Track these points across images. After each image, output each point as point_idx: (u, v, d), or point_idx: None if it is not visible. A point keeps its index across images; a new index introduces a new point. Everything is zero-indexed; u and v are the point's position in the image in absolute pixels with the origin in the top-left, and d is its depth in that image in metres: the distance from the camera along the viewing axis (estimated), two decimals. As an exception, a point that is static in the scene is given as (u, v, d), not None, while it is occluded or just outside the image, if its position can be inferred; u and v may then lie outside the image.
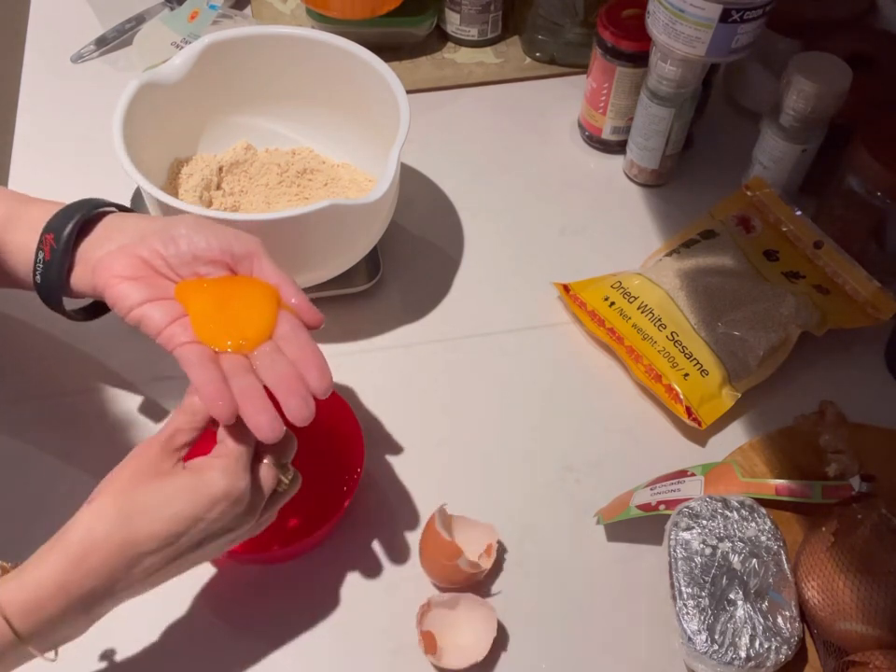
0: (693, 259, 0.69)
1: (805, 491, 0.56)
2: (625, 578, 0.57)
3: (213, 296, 0.49)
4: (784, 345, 0.64)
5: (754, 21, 0.63)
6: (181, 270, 0.50)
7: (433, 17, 0.85)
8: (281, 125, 0.73)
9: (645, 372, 0.64)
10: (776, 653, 0.49)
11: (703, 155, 0.80)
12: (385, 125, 0.65)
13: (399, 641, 0.54)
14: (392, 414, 0.64)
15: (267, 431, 0.44)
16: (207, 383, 0.45)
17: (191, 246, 0.49)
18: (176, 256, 0.49)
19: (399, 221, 0.72)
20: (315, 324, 0.49)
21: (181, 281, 0.50)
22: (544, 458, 0.62)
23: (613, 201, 0.78)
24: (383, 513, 0.59)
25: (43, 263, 0.51)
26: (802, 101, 0.66)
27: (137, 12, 0.88)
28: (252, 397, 0.45)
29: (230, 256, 0.49)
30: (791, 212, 0.70)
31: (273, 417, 0.44)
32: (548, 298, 0.70)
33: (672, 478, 0.58)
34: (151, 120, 0.64)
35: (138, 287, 0.49)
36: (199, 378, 0.45)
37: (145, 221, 0.52)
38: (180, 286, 0.49)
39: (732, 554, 0.52)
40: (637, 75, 0.73)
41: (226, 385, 0.45)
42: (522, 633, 0.54)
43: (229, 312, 0.48)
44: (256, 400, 0.45)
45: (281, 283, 0.49)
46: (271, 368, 0.46)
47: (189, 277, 0.50)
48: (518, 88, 0.86)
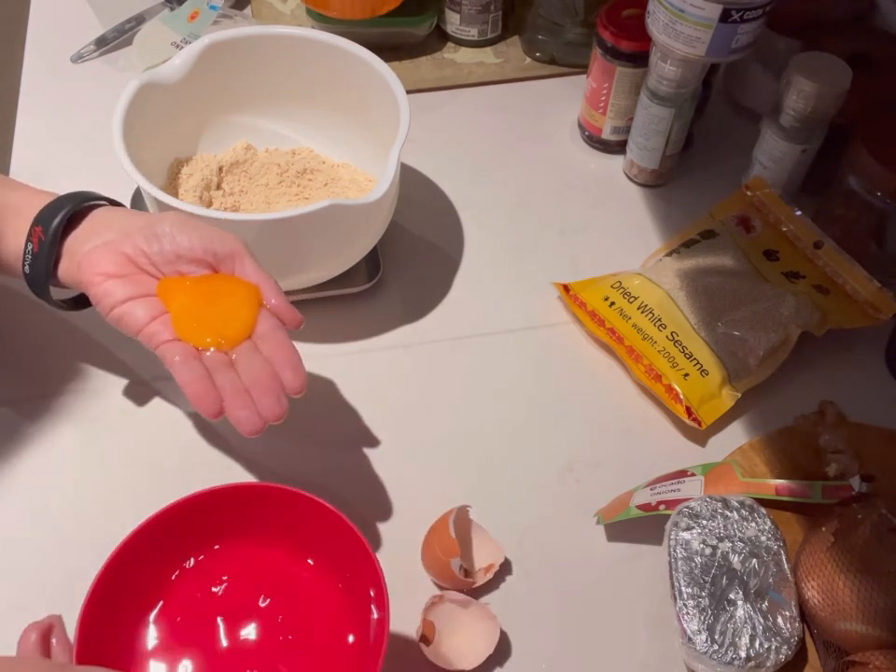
0: (693, 259, 0.69)
1: (805, 491, 0.56)
2: (625, 578, 0.57)
3: (194, 294, 0.50)
4: (784, 345, 0.64)
5: (754, 21, 0.63)
6: (164, 267, 0.50)
7: (433, 17, 0.86)
8: (281, 125, 0.73)
9: (645, 372, 0.64)
10: (776, 653, 0.49)
11: (703, 155, 0.80)
12: (385, 125, 0.65)
13: (401, 642, 0.53)
14: (392, 414, 0.64)
15: (247, 425, 0.46)
16: (193, 381, 0.46)
17: (175, 245, 0.50)
18: (160, 254, 0.50)
19: (398, 221, 0.72)
20: (295, 324, 0.50)
21: (163, 278, 0.50)
22: (544, 458, 0.62)
23: (613, 201, 0.78)
24: (383, 513, 0.59)
25: (32, 255, 0.51)
26: (802, 101, 0.66)
27: (137, 12, 0.88)
28: (233, 393, 0.46)
29: (212, 255, 0.50)
30: (791, 212, 0.70)
31: (254, 412, 0.46)
32: (548, 298, 0.70)
33: (672, 478, 0.58)
34: (151, 120, 0.64)
35: (121, 284, 0.49)
36: (184, 376, 0.47)
37: (131, 218, 0.52)
38: (162, 283, 0.50)
39: (732, 554, 0.52)
40: (637, 75, 0.73)
41: (210, 381, 0.47)
42: (521, 632, 0.54)
43: (210, 310, 0.49)
44: (237, 397, 0.46)
45: (262, 283, 0.50)
46: (247, 366, 0.48)
47: (171, 275, 0.50)
48: (518, 88, 0.86)
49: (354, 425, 0.63)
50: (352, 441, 0.62)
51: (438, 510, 0.55)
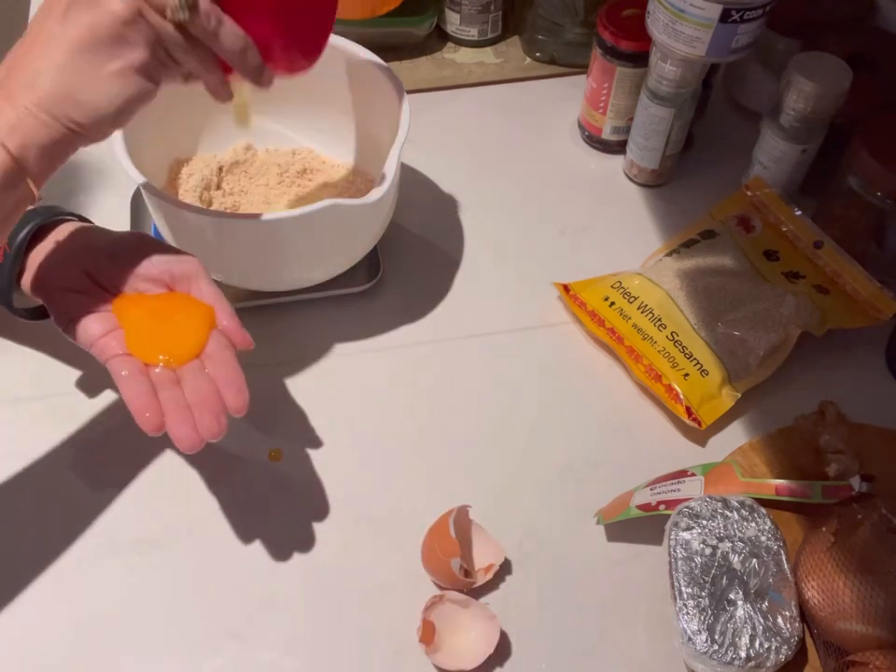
0: (693, 259, 0.69)
1: (805, 491, 0.56)
2: (625, 578, 0.57)
3: (148, 312, 0.52)
4: (784, 345, 0.64)
5: (754, 21, 0.63)
6: (122, 285, 0.52)
7: (433, 17, 0.86)
8: (281, 125, 0.73)
9: (645, 372, 0.64)
10: (776, 653, 0.49)
11: (703, 155, 0.80)
12: (385, 125, 0.65)
13: (401, 642, 0.54)
14: (392, 414, 0.64)
15: (184, 441, 0.47)
16: (136, 396, 0.48)
17: (133, 263, 0.52)
18: (119, 271, 0.52)
19: (398, 221, 0.72)
20: (244, 345, 0.52)
21: (120, 295, 0.52)
22: (544, 458, 0.62)
23: (613, 201, 0.78)
24: (383, 513, 0.59)
25: None
26: (802, 101, 0.66)
27: (137, 12, 0.88)
28: (175, 409, 0.48)
29: (168, 275, 0.52)
30: (791, 212, 0.70)
31: (192, 429, 0.47)
32: (548, 298, 0.70)
33: (672, 478, 0.58)
34: (151, 120, 0.64)
35: (78, 299, 0.51)
36: (128, 391, 0.48)
37: (95, 234, 0.54)
38: (118, 300, 0.52)
39: (732, 554, 0.52)
40: (637, 75, 0.73)
41: (154, 397, 0.48)
42: (521, 632, 0.54)
43: (161, 328, 0.51)
44: (178, 413, 0.48)
45: (216, 304, 0.52)
46: (192, 384, 0.49)
47: (128, 292, 0.52)
48: (518, 88, 0.86)
49: (353, 424, 0.63)
50: (351, 440, 0.62)
51: (438, 510, 0.55)
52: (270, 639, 0.54)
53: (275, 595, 0.55)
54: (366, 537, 0.58)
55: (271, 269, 0.64)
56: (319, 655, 0.53)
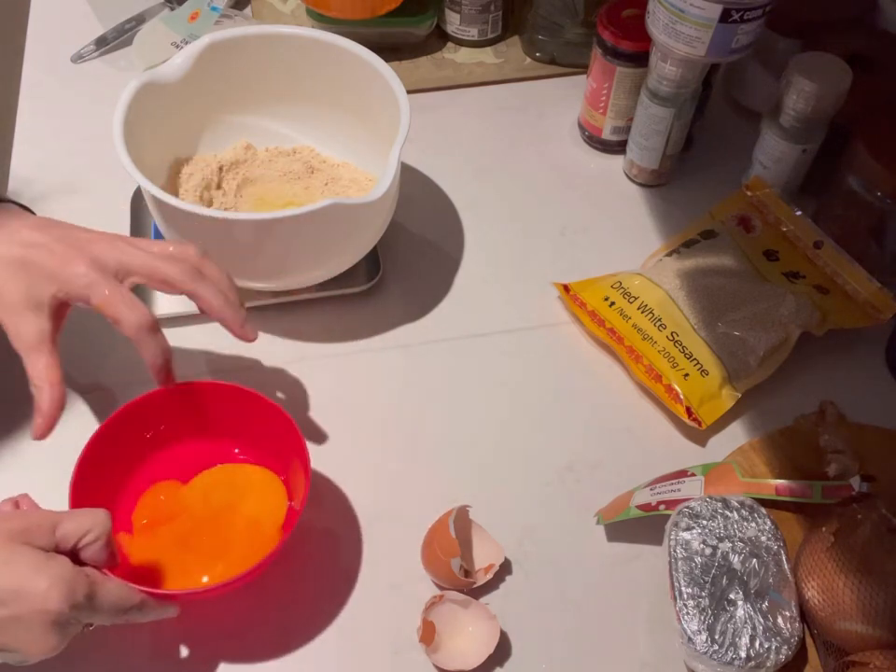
0: (693, 259, 0.69)
1: (805, 491, 0.56)
2: (625, 578, 0.57)
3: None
4: (784, 345, 0.64)
5: (754, 21, 0.63)
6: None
7: (433, 17, 0.86)
8: (281, 124, 0.73)
9: (645, 372, 0.64)
10: (776, 653, 0.49)
11: (703, 155, 0.80)
12: (385, 125, 0.65)
13: (401, 642, 0.54)
14: (392, 414, 0.64)
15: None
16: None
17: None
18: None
19: (399, 221, 0.72)
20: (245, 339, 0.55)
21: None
22: (544, 458, 0.62)
23: (613, 201, 0.78)
24: (383, 513, 0.59)
25: None
26: (802, 101, 0.67)
27: (137, 12, 0.88)
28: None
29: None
30: (791, 212, 0.70)
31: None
32: (548, 298, 0.70)
33: (672, 478, 0.58)
34: (151, 120, 0.64)
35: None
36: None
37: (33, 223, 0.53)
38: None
39: (732, 554, 0.52)
40: (637, 75, 0.73)
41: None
42: (521, 632, 0.54)
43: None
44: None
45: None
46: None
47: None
48: (518, 88, 0.86)
49: (353, 424, 0.63)
50: (351, 440, 0.62)
51: (438, 510, 0.55)
52: (270, 639, 0.54)
53: (275, 594, 0.55)
54: (366, 536, 0.58)
55: (271, 269, 0.64)
56: (319, 655, 0.53)
